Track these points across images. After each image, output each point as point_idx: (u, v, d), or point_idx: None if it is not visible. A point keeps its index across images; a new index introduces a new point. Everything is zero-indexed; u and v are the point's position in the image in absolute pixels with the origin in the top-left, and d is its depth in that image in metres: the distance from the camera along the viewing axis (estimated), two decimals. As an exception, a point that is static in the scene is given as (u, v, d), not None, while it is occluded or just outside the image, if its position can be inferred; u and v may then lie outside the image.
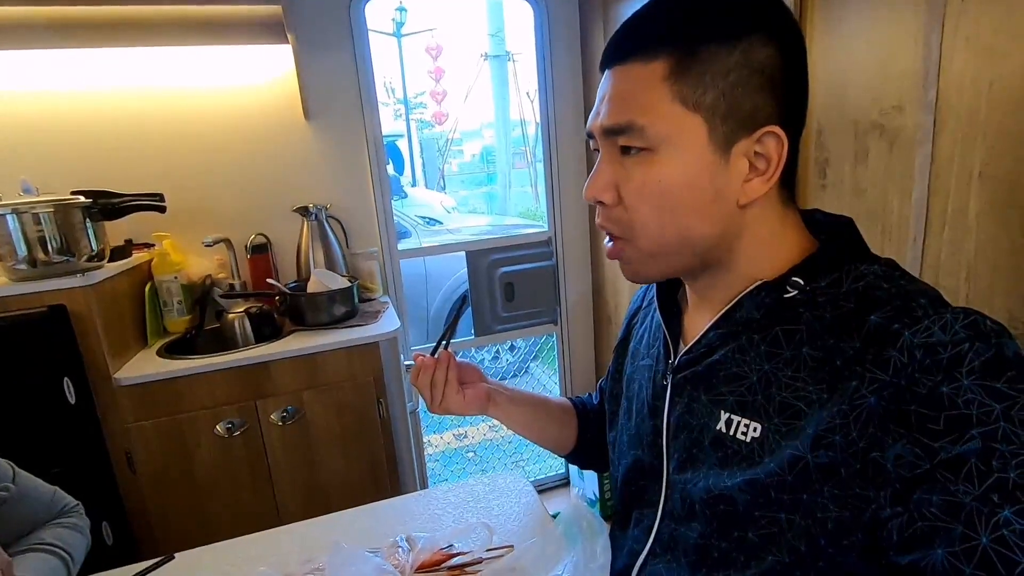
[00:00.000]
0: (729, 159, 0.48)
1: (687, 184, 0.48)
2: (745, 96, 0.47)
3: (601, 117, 0.50)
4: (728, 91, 0.46)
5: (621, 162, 0.50)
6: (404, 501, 0.93)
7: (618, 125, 0.49)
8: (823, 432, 0.43)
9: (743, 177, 0.48)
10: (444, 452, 2.77)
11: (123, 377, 1.28)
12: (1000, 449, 0.36)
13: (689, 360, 0.56)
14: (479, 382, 0.76)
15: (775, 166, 0.48)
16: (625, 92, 0.49)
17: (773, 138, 0.47)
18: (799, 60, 0.49)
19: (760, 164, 0.48)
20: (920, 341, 0.40)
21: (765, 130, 0.47)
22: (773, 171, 0.48)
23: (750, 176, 0.48)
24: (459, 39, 8.36)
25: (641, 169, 0.49)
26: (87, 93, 1.54)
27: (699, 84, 0.46)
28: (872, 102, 0.96)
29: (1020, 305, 0.79)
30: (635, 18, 0.50)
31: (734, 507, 0.49)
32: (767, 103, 0.47)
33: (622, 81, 0.50)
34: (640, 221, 0.50)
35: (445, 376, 0.72)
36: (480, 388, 0.75)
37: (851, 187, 1.02)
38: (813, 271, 0.49)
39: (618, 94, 0.50)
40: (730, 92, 0.46)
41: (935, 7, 0.83)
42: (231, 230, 1.64)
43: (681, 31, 0.47)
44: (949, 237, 0.87)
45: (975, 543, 0.35)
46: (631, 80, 0.49)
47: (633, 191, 0.50)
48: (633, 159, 0.49)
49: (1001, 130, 0.78)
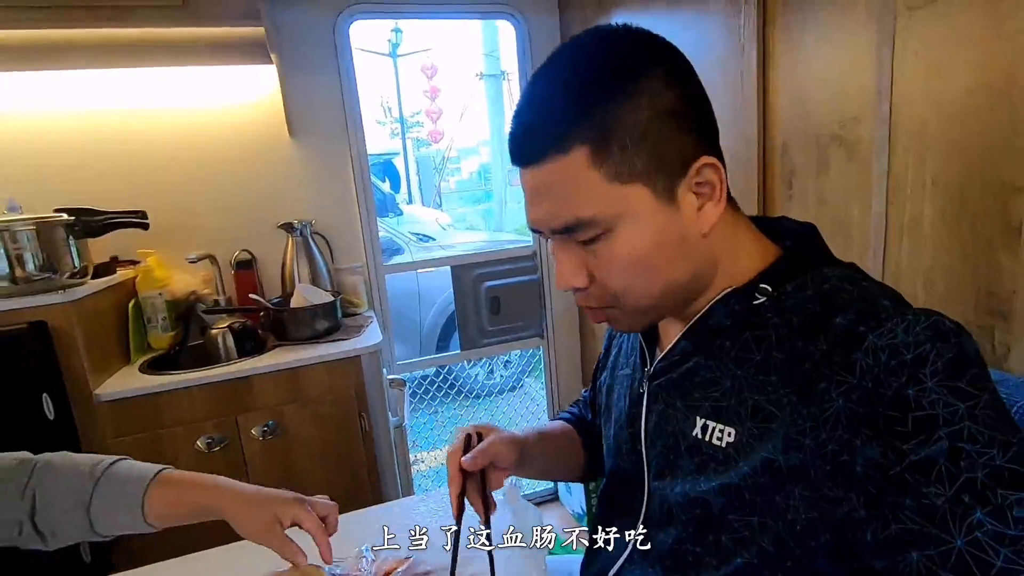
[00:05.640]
0: (677, 203, 0.48)
1: (654, 243, 0.48)
2: (668, 144, 0.47)
3: (544, 219, 0.50)
4: (651, 148, 0.46)
5: (581, 249, 0.50)
6: (375, 512, 0.94)
7: (566, 226, 0.48)
8: (794, 435, 0.44)
9: (695, 208, 0.49)
10: (434, 468, 2.76)
11: (103, 393, 1.29)
12: (967, 449, 0.37)
13: (664, 367, 0.57)
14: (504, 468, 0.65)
15: (720, 189, 0.49)
16: (556, 191, 0.48)
17: (709, 168, 0.48)
18: (697, 86, 0.50)
19: (705, 190, 0.49)
20: (884, 343, 0.41)
21: (699, 165, 0.48)
22: (719, 194, 0.49)
23: (700, 204, 0.49)
24: (454, 59, 8.50)
25: (605, 249, 0.49)
26: (72, 113, 1.57)
27: (623, 156, 0.46)
28: (832, 115, 0.98)
29: (973, 311, 0.80)
30: (530, 114, 0.49)
31: (710, 511, 0.49)
32: (688, 141, 0.48)
33: (547, 180, 0.48)
34: (623, 290, 0.50)
35: None
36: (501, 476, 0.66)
37: (815, 198, 1.04)
38: (779, 277, 0.50)
39: (549, 193, 0.49)
40: (653, 148, 0.46)
41: (885, 24, 0.86)
42: (216, 246, 1.66)
43: (584, 111, 0.46)
44: (907, 245, 0.89)
45: (949, 546, 0.36)
46: (556, 177, 0.48)
47: (606, 270, 0.50)
48: (595, 245, 0.49)
49: (950, 141, 0.80)
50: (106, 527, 0.68)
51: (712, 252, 0.52)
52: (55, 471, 0.68)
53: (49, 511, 0.66)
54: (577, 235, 0.49)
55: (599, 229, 0.48)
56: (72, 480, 0.67)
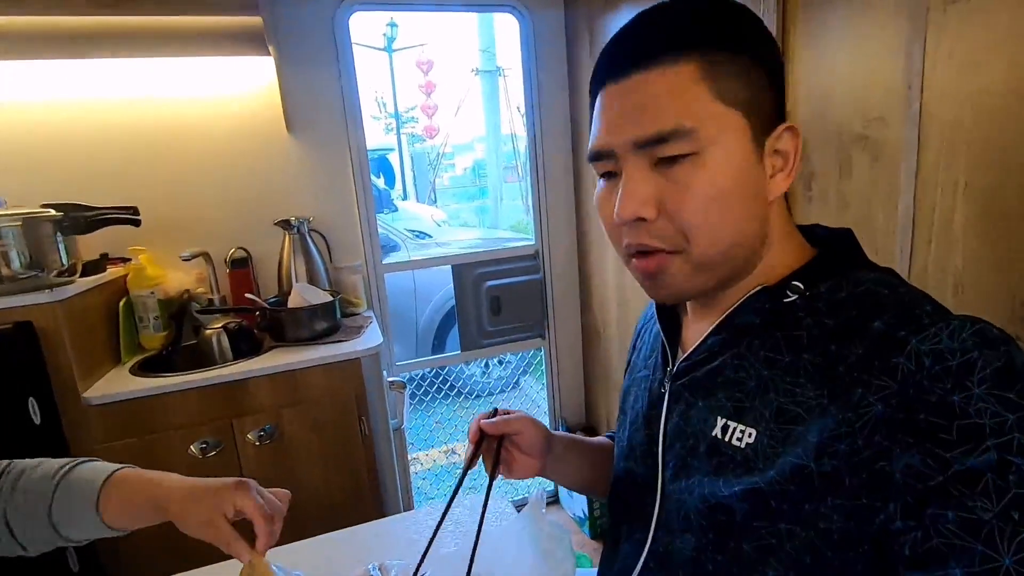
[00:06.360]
0: (762, 156, 0.48)
1: (736, 183, 0.46)
2: (763, 93, 0.47)
3: (633, 129, 0.46)
4: (753, 87, 0.47)
5: (658, 173, 0.47)
6: (380, 526, 0.90)
7: (662, 133, 0.45)
8: (827, 440, 0.41)
9: (769, 173, 0.49)
10: (431, 469, 2.72)
11: (92, 396, 1.24)
12: (1016, 463, 0.35)
13: (688, 367, 0.55)
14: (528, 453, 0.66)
15: (793, 161, 0.49)
16: (659, 98, 0.45)
17: (790, 133, 0.48)
18: (781, 59, 0.51)
19: (778, 161, 0.49)
20: (928, 348, 0.39)
21: (784, 127, 0.48)
22: (791, 166, 0.49)
23: (772, 172, 0.49)
24: (450, 54, 8.43)
25: (688, 174, 0.46)
26: (61, 104, 1.51)
27: (732, 80, 0.46)
28: (855, 115, 0.95)
29: (1007, 320, 0.77)
30: (642, 25, 0.48)
31: (731, 517, 0.47)
32: (777, 101, 0.49)
33: (651, 86, 0.46)
34: (696, 226, 0.46)
35: None
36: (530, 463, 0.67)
37: (836, 200, 1.01)
38: (813, 277, 0.49)
39: (652, 101, 0.46)
40: (754, 88, 0.47)
41: (917, 21, 0.83)
42: (210, 244, 1.61)
43: (700, 32, 0.46)
44: (936, 250, 0.85)
45: (996, 564, 0.34)
46: (662, 84, 0.45)
47: (683, 197, 0.46)
48: (677, 167, 0.46)
49: (985, 141, 0.77)
50: (71, 532, 0.63)
51: (767, 228, 0.50)
52: (26, 476, 0.64)
53: (17, 517, 0.62)
54: (667, 148, 0.45)
55: (692, 146, 0.45)
56: (38, 484, 0.63)
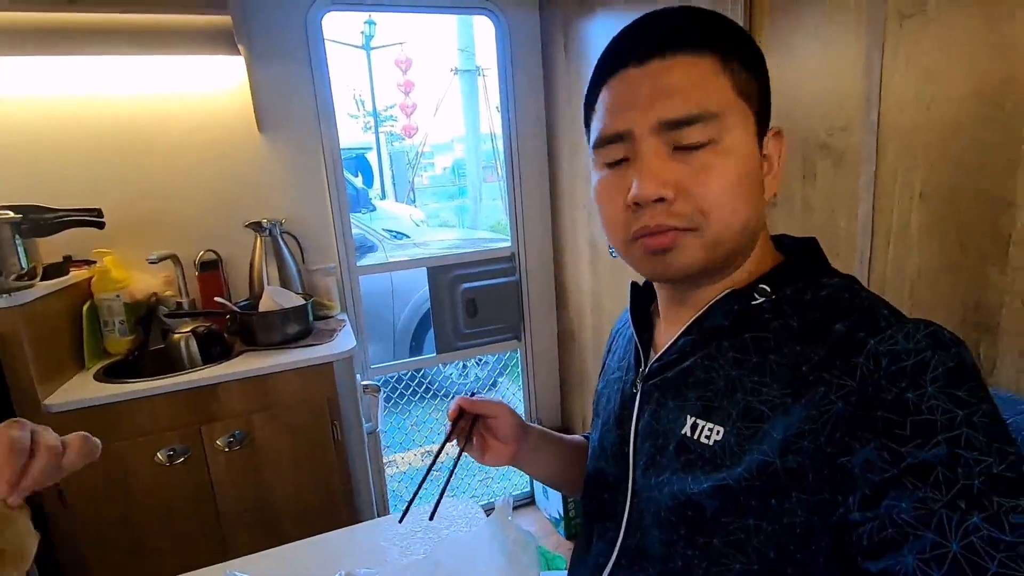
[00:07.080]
0: (761, 152, 0.51)
1: (746, 172, 0.49)
2: (762, 99, 0.51)
3: (660, 109, 0.47)
4: (758, 88, 0.50)
5: (676, 157, 0.48)
6: (351, 532, 0.89)
7: (689, 116, 0.47)
8: (792, 437, 0.43)
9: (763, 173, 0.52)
10: (407, 472, 2.70)
11: (53, 403, 1.21)
12: (964, 455, 0.37)
13: (660, 367, 0.56)
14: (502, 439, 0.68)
15: (777, 163, 0.52)
16: (688, 82, 0.47)
17: (777, 138, 0.52)
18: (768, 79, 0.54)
19: (765, 164, 0.51)
20: (885, 349, 0.41)
21: (775, 130, 0.52)
22: (776, 169, 0.52)
23: (765, 173, 0.52)
24: (429, 53, 8.39)
25: (707, 159, 0.47)
26: (21, 101, 1.46)
27: (745, 75, 0.49)
28: (819, 123, 0.97)
29: (959, 323, 0.80)
30: (668, 16, 0.50)
31: (701, 513, 0.49)
32: (768, 107, 0.52)
33: (676, 73, 0.47)
34: (713, 205, 0.48)
35: None
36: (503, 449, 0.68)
37: (801, 205, 1.03)
38: (779, 281, 0.51)
39: (681, 84, 0.47)
40: (757, 92, 0.50)
41: (875, 30, 0.85)
42: (179, 246, 1.58)
43: (719, 33, 0.49)
44: (893, 254, 0.88)
45: (945, 550, 0.36)
46: (686, 73, 0.47)
47: (701, 180, 0.47)
48: (697, 152, 0.47)
49: (941, 149, 0.79)
50: None
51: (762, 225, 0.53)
52: None
53: None
54: (690, 133, 0.47)
55: (714, 132, 0.47)
56: None
